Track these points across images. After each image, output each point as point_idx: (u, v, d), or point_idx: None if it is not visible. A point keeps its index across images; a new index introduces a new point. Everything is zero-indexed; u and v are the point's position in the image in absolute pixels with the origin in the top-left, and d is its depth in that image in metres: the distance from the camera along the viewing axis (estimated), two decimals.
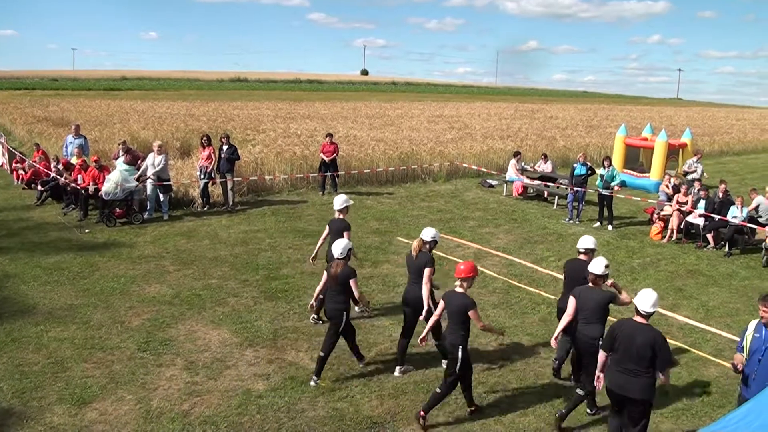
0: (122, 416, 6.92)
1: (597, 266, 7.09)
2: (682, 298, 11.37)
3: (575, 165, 16.99)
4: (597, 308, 7.01)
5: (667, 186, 17.64)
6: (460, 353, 6.86)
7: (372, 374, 8.07)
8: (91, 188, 14.70)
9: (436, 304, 7.53)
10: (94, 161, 15.36)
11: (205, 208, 16.32)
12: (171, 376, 7.78)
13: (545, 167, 20.83)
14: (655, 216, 16.11)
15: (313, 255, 9.88)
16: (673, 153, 22.11)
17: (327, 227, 9.80)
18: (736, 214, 14.49)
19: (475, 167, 22.91)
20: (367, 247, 13.48)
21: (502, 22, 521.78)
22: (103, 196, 14.35)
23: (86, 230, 13.93)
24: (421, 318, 7.88)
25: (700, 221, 15.12)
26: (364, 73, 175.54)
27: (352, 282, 7.69)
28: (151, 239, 13.51)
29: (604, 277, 7.11)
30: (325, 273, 8.06)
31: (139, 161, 15.30)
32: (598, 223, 16.47)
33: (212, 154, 16.22)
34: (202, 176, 16.21)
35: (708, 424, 5.31)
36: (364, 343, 8.87)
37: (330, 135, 19.20)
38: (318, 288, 8.29)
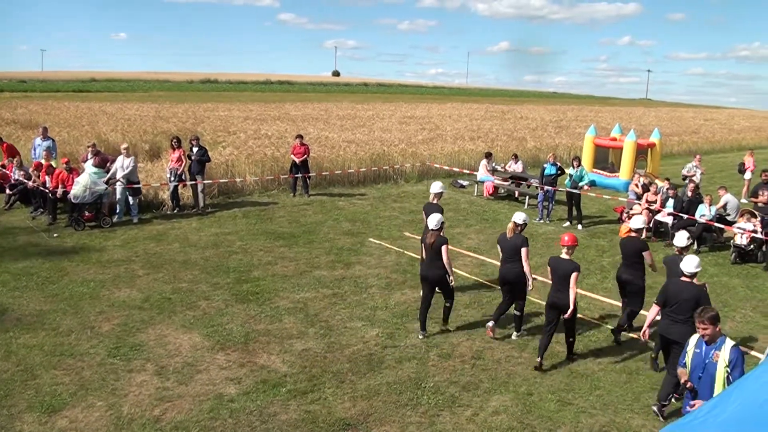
0: (93, 423, 6.83)
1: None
2: (652, 295, 11.44)
3: (545, 165, 17.13)
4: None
5: (637, 185, 17.87)
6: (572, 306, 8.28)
7: (344, 375, 8.06)
8: (60, 191, 14.49)
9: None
10: (64, 164, 15.12)
11: (175, 211, 16.18)
12: (142, 382, 7.70)
13: (516, 167, 20.99)
14: (625, 215, 16.30)
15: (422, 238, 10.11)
16: (642, 153, 22.39)
17: (423, 211, 11.07)
18: (704, 213, 14.72)
19: (446, 168, 23.02)
20: (339, 248, 13.47)
21: (473, 24, 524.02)
22: (72, 200, 14.14)
23: (55, 234, 13.72)
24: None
25: (669, 220, 15.34)
26: (336, 74, 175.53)
27: (443, 249, 9.07)
28: (121, 243, 13.36)
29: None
30: (422, 244, 9.67)
31: (108, 164, 15.10)
32: (567, 222, 16.66)
33: (182, 156, 16.09)
34: (172, 178, 16.07)
35: (677, 419, 5.37)
36: (336, 344, 8.88)
37: (300, 136, 19.13)
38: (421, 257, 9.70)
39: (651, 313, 7.99)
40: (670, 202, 15.60)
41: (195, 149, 16.25)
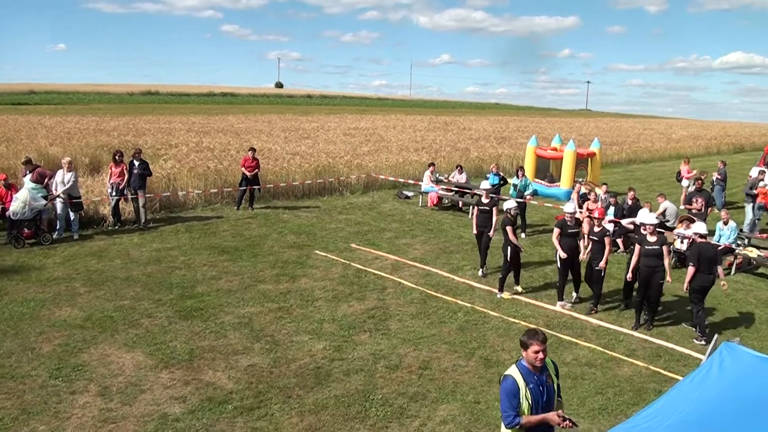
0: None
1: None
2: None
3: (488, 176, 17.35)
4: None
5: (577, 194, 18.22)
6: None
7: (292, 390, 7.99)
8: None
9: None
10: (2, 180, 14.62)
11: (117, 227, 15.82)
12: (85, 404, 7.48)
13: (459, 178, 21.20)
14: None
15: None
16: (582, 162, 22.87)
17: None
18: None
19: (391, 179, 23.12)
20: (285, 261, 13.37)
21: (416, 36, 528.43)
22: (11, 217, 13.71)
23: None
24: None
25: (610, 227, 15.66)
26: (279, 86, 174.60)
27: (508, 228, 11.45)
28: (61, 260, 13.00)
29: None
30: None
31: (46, 179, 14.68)
32: None
33: (124, 171, 15.77)
34: (114, 193, 15.72)
35: (620, 423, 5.46)
36: (283, 359, 8.79)
37: (253, 149, 18.95)
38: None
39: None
40: (611, 210, 15.95)
41: (137, 163, 15.95)
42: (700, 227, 11.09)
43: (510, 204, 12.01)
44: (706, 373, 5.13)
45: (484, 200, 13.08)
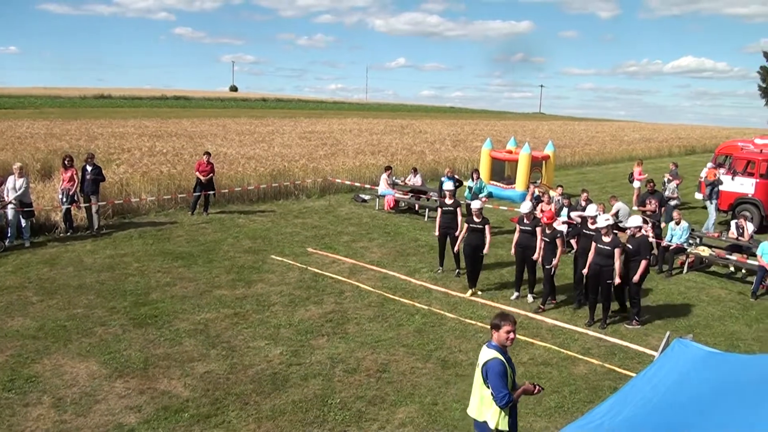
0: None
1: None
2: (548, 301, 11.89)
3: (443, 178, 17.47)
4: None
5: (531, 195, 18.44)
6: None
7: (249, 397, 7.93)
8: None
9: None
10: None
11: (69, 233, 15.49)
12: (38, 416, 7.30)
13: (415, 181, 21.31)
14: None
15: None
16: (536, 165, 23.14)
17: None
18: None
19: (348, 182, 23.11)
20: (240, 266, 13.27)
21: (371, 40, 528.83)
22: None
23: None
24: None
25: (564, 228, 15.90)
26: (233, 89, 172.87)
27: (487, 227, 11.90)
28: (13, 268, 12.67)
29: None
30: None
31: None
32: None
33: (75, 176, 15.47)
34: (65, 199, 15.40)
35: (574, 421, 5.53)
36: (239, 365, 8.72)
37: (208, 153, 18.75)
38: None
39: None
40: (565, 211, 16.19)
41: (89, 168, 15.65)
42: (634, 220, 11.38)
43: (476, 204, 12.13)
44: (658, 369, 5.22)
45: (448, 201, 13.22)
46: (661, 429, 4.33)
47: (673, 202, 19.23)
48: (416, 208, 20.34)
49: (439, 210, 13.40)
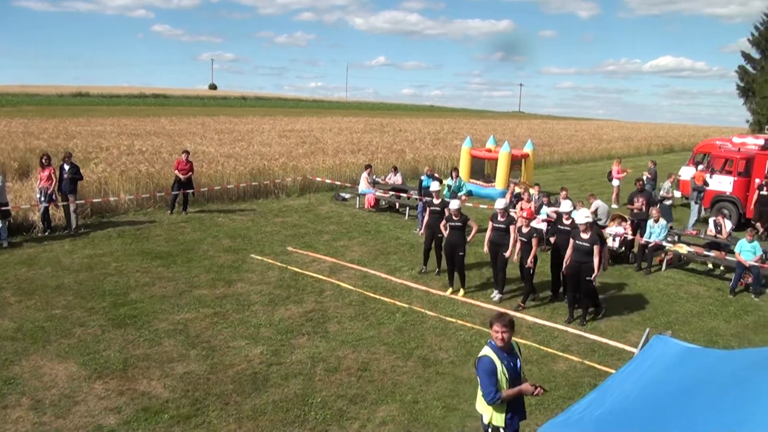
0: None
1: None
2: (528, 299, 11.96)
3: (423, 177, 17.50)
4: None
5: (511, 194, 18.55)
6: None
7: (229, 397, 7.90)
8: None
9: None
10: None
11: (47, 233, 15.33)
12: (17, 418, 7.22)
13: (395, 179, 21.34)
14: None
15: None
16: (516, 163, 23.28)
17: None
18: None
19: (328, 181, 23.08)
20: (220, 266, 13.21)
21: (351, 38, 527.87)
22: None
23: None
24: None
25: (543, 226, 16.00)
26: (213, 87, 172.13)
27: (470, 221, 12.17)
28: None
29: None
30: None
31: None
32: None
33: (53, 175, 15.31)
34: (43, 198, 15.23)
35: (555, 416, 5.55)
36: (219, 365, 8.69)
37: (186, 152, 18.64)
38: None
39: None
40: (544, 209, 16.29)
41: (67, 167, 15.50)
42: (581, 215, 11.34)
43: (454, 205, 12.15)
44: (638, 364, 5.26)
45: (435, 201, 13.25)
46: (640, 422, 4.37)
47: (668, 202, 19.32)
48: (397, 207, 20.36)
49: (428, 210, 13.42)
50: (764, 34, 63.64)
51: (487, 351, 5.55)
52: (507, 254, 11.69)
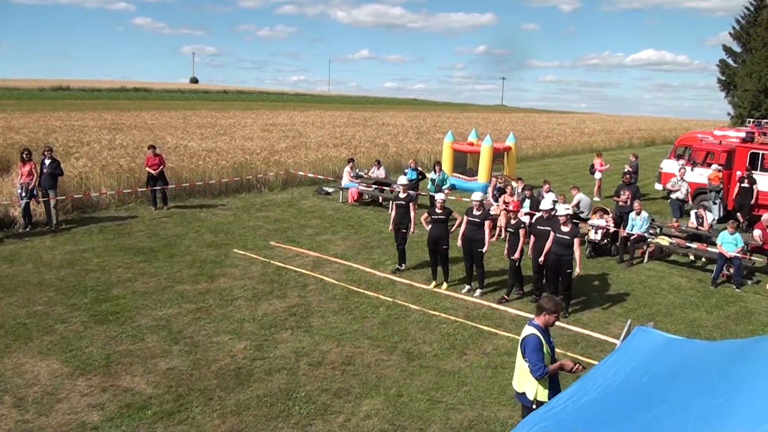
0: None
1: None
2: (513, 291, 12.03)
3: (406, 171, 17.51)
4: None
5: (494, 188, 18.59)
6: None
7: (212, 392, 7.89)
8: None
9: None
10: None
11: (28, 229, 15.20)
12: (0, 416, 7.19)
13: (379, 173, 21.33)
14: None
15: None
16: (498, 156, 23.33)
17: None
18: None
19: (311, 175, 23.05)
20: (202, 261, 13.16)
21: (334, 31, 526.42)
22: None
23: None
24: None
25: (526, 219, 16.06)
26: (194, 81, 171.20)
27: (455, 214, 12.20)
28: None
29: None
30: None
31: None
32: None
33: (33, 170, 15.16)
34: (23, 194, 15.08)
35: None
36: (203, 361, 8.67)
37: (153, 147, 18.40)
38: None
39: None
40: (527, 203, 16.35)
41: (47, 162, 15.36)
42: (546, 204, 11.71)
43: (440, 196, 12.21)
44: (620, 355, 5.31)
45: (401, 195, 13.17)
46: (622, 409, 4.42)
47: (674, 195, 19.36)
48: (380, 201, 20.36)
49: (393, 204, 13.34)
50: (746, 28, 64.32)
51: (533, 330, 6.05)
52: (484, 250, 11.69)
